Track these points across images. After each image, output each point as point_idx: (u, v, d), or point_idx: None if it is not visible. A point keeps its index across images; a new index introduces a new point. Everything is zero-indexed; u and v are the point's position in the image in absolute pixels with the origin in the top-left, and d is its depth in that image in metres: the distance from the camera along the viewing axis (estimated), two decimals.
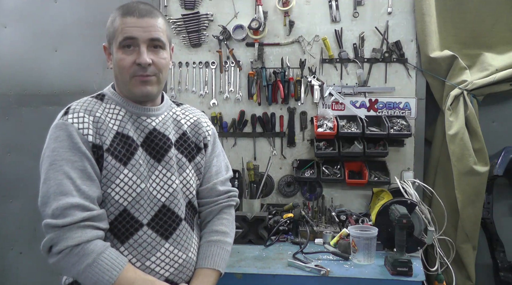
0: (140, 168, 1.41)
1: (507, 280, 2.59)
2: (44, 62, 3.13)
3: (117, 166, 1.37)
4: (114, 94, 1.50)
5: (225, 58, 2.84)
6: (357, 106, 2.76)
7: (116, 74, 1.46)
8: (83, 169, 1.31)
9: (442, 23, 2.68)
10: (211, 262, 1.56)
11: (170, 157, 1.49)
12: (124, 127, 1.42)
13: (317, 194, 2.79)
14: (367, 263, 2.17)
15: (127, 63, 1.41)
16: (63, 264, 1.30)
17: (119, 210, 1.38)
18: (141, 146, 1.43)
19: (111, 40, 1.46)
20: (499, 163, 2.55)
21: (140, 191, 1.40)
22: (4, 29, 3.15)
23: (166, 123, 1.53)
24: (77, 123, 1.37)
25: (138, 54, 1.40)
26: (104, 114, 1.42)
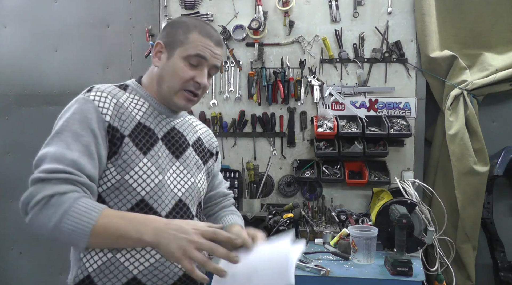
0: (159, 160, 1.41)
1: (507, 280, 2.58)
2: (44, 62, 3.13)
3: (137, 153, 1.36)
4: (139, 87, 1.51)
5: (225, 58, 2.84)
6: (357, 106, 2.76)
7: (164, 76, 1.45)
8: (86, 144, 1.28)
9: (442, 23, 2.68)
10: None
11: (187, 155, 1.51)
12: (147, 120, 1.44)
13: (317, 194, 2.79)
14: (367, 263, 2.17)
15: (186, 76, 1.42)
16: (40, 219, 1.18)
17: (136, 199, 1.35)
18: (161, 140, 1.45)
19: (175, 45, 1.44)
20: (499, 163, 2.55)
21: (158, 182, 1.38)
22: (4, 29, 3.15)
23: (184, 125, 1.57)
24: (98, 101, 1.38)
25: (200, 73, 1.43)
26: (128, 102, 1.44)
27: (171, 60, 1.43)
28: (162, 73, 1.45)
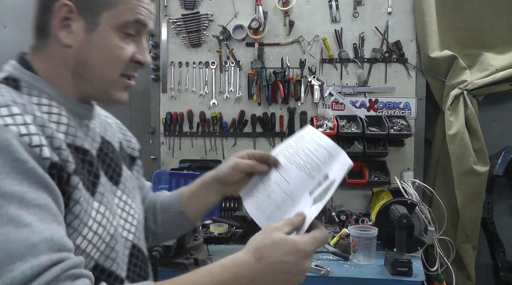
0: (105, 197, 0.95)
1: (507, 280, 2.58)
2: None
3: (87, 197, 0.88)
4: (39, 82, 0.94)
5: (225, 58, 2.84)
6: (357, 106, 2.76)
7: (90, 61, 0.94)
8: (42, 205, 0.75)
9: (442, 23, 2.68)
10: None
11: (124, 175, 1.06)
12: (76, 136, 0.92)
13: None
14: (367, 263, 2.17)
15: (126, 55, 0.95)
16: None
17: (89, 267, 0.88)
18: (100, 163, 0.98)
19: (97, 8, 0.92)
20: (499, 163, 2.55)
21: (114, 232, 0.94)
22: (4, 29, 3.15)
23: (106, 127, 1.11)
24: (16, 125, 0.79)
25: (140, 48, 0.98)
26: (40, 114, 0.87)
27: (96, 33, 0.93)
28: (83, 56, 0.94)
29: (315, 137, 1.12)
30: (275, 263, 0.83)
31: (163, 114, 2.89)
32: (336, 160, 1.06)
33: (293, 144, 1.14)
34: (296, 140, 1.15)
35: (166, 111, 2.88)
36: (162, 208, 1.22)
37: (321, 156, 1.07)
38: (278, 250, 0.84)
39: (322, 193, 1.00)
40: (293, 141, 1.15)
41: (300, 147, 1.12)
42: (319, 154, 1.08)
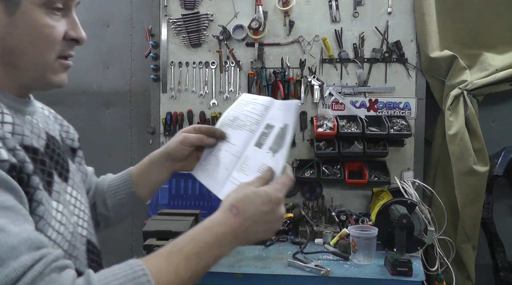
0: (63, 195, 0.92)
1: (507, 280, 2.58)
2: None
3: (47, 197, 0.84)
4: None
5: (225, 58, 2.84)
6: (357, 106, 2.76)
7: (19, 47, 0.85)
8: (11, 207, 0.73)
9: (442, 23, 2.68)
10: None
11: (72, 170, 1.01)
12: (24, 135, 0.85)
13: (317, 194, 2.79)
14: (367, 263, 2.17)
15: (59, 35, 0.87)
16: None
17: None
18: (49, 160, 0.92)
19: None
20: (499, 163, 2.55)
21: (73, 230, 0.92)
22: None
23: (47, 121, 1.02)
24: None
25: (73, 23, 0.91)
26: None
27: (19, 14, 0.83)
28: (9, 42, 0.84)
29: (250, 100, 1.20)
30: (253, 215, 0.87)
31: (163, 114, 2.89)
32: (272, 109, 1.12)
33: (232, 112, 1.20)
34: (235, 108, 1.21)
35: (166, 111, 2.88)
36: (112, 191, 1.21)
37: (258, 111, 1.14)
38: (252, 202, 0.88)
39: (277, 141, 1.05)
40: (232, 110, 1.21)
41: (240, 111, 1.19)
42: (256, 110, 1.15)
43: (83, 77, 3.10)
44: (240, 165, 1.09)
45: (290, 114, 1.06)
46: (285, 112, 1.08)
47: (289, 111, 1.07)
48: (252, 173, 1.04)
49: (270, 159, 1.03)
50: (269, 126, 1.10)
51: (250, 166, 1.07)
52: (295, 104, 1.07)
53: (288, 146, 1.02)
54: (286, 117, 1.07)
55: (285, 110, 1.08)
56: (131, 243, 3.12)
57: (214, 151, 1.17)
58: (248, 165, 1.08)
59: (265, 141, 1.08)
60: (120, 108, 3.16)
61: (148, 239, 2.18)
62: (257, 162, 1.05)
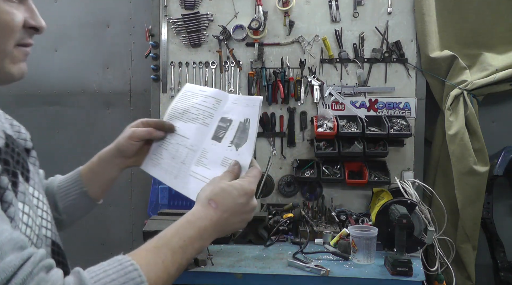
0: (28, 196, 0.87)
1: (507, 280, 2.59)
2: (44, 62, 3.13)
3: (14, 199, 0.81)
4: None
5: (225, 58, 2.84)
6: (357, 106, 2.76)
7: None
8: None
9: (442, 23, 2.68)
10: None
11: (31, 170, 0.96)
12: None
13: (317, 194, 2.79)
14: (367, 263, 2.17)
15: (18, 22, 0.84)
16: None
17: None
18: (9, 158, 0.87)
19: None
20: (499, 163, 2.55)
21: (38, 231, 0.87)
22: None
23: (1, 119, 0.97)
24: None
25: (30, 10, 0.88)
26: None
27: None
28: None
29: (198, 91, 1.19)
30: (231, 207, 0.92)
31: (163, 114, 2.88)
32: (225, 102, 1.13)
33: (180, 105, 1.19)
34: (181, 100, 1.20)
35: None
36: (62, 193, 1.18)
37: (210, 104, 1.14)
38: (229, 195, 0.93)
39: (239, 135, 1.06)
40: (179, 102, 1.20)
41: (188, 104, 1.18)
42: (207, 103, 1.15)
43: (83, 77, 3.10)
44: (198, 158, 1.10)
45: (252, 110, 1.07)
46: (246, 108, 1.08)
47: (252, 107, 1.07)
48: (214, 167, 1.06)
49: (233, 153, 1.05)
50: (225, 120, 1.10)
51: (210, 159, 1.08)
52: (259, 100, 1.07)
53: (253, 140, 1.04)
54: (247, 112, 1.08)
55: (246, 106, 1.09)
56: (131, 243, 3.12)
57: (164, 144, 1.16)
58: (208, 159, 1.08)
59: (224, 135, 1.09)
60: (120, 108, 3.16)
61: (148, 239, 2.18)
62: (218, 156, 1.07)
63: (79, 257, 3.15)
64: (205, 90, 1.18)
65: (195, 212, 0.92)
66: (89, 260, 0.85)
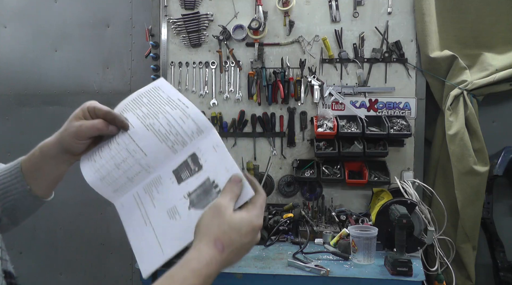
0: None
1: (507, 280, 2.58)
2: (44, 62, 3.13)
3: None
4: None
5: (225, 58, 2.84)
6: (357, 106, 2.76)
7: None
8: None
9: (442, 23, 2.68)
10: None
11: None
12: None
13: (317, 194, 2.79)
14: (367, 263, 2.17)
15: None
16: None
17: None
18: None
19: None
20: (499, 163, 2.55)
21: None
22: (4, 29, 3.15)
23: None
24: None
25: None
26: None
27: None
28: None
29: (175, 100, 0.93)
30: (237, 247, 0.83)
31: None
32: (205, 137, 0.91)
33: (146, 101, 0.95)
34: (150, 96, 0.96)
35: None
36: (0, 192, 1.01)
37: (188, 129, 0.90)
38: (237, 234, 0.82)
39: (200, 193, 0.88)
40: (146, 97, 0.96)
41: (158, 108, 0.93)
42: (186, 126, 0.90)
43: (83, 77, 3.10)
44: (149, 185, 0.91)
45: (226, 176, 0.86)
46: (220, 166, 0.88)
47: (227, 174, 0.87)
48: (159, 208, 0.89)
49: (184, 208, 0.87)
50: (195, 161, 0.90)
51: (160, 197, 0.90)
52: (238, 175, 0.87)
53: (207, 206, 0.85)
54: (220, 173, 0.87)
55: (221, 163, 0.88)
56: None
57: (112, 143, 0.93)
58: (159, 193, 0.90)
59: (187, 179, 0.89)
60: None
61: None
62: (170, 199, 0.89)
63: (79, 257, 3.16)
64: (187, 104, 0.92)
65: (200, 257, 0.80)
66: (89, 260, 0.85)
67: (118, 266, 3.15)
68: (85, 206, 3.10)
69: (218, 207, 0.84)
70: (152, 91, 0.96)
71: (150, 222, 0.89)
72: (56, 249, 3.17)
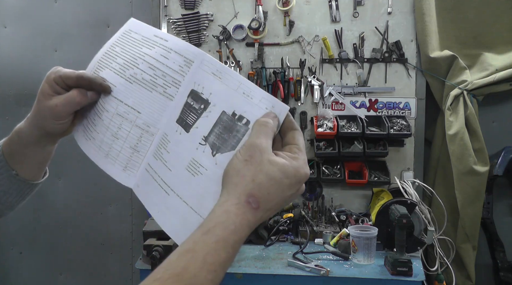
0: None
1: (507, 280, 2.59)
2: (44, 62, 3.13)
3: None
4: None
5: (225, 58, 2.84)
6: (357, 106, 2.76)
7: None
8: None
9: (442, 23, 2.68)
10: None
11: None
12: None
13: (317, 194, 2.79)
14: (367, 263, 2.17)
15: None
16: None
17: None
18: None
19: None
20: (499, 163, 2.55)
21: None
22: (4, 29, 3.15)
23: None
24: None
25: None
26: None
27: None
28: None
29: (151, 38, 0.79)
30: (277, 203, 0.65)
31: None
32: (198, 65, 0.75)
33: (119, 50, 0.81)
34: (123, 43, 0.82)
35: None
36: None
37: (174, 64, 0.76)
38: (277, 186, 0.64)
39: (220, 132, 0.70)
40: (118, 46, 0.82)
41: (135, 53, 0.79)
42: (170, 61, 0.76)
43: None
44: (157, 149, 0.75)
45: (245, 101, 0.70)
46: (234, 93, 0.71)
47: (247, 96, 0.70)
48: (176, 169, 0.72)
49: (206, 158, 0.70)
50: (197, 97, 0.73)
51: (172, 155, 0.73)
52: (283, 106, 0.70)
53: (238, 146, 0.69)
54: (236, 100, 0.70)
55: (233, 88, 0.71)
56: (131, 243, 3.12)
57: (100, 110, 0.79)
58: (169, 153, 0.74)
59: (195, 122, 0.72)
60: None
61: (148, 239, 2.18)
62: (183, 154, 0.72)
63: (80, 257, 3.17)
64: (165, 37, 0.78)
65: (227, 221, 0.61)
66: (90, 260, 0.84)
67: (118, 266, 3.15)
68: (85, 206, 3.10)
69: (252, 149, 0.65)
70: (124, 37, 0.82)
71: (172, 189, 0.73)
72: (56, 249, 3.17)
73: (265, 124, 0.66)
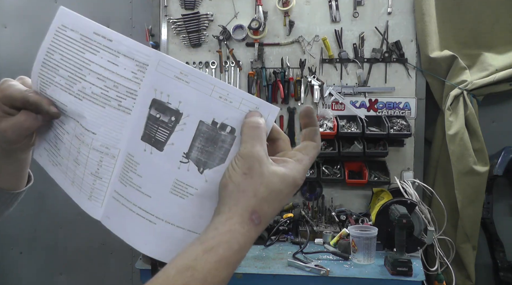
0: None
1: (507, 280, 2.59)
2: None
3: None
4: None
5: (225, 58, 2.84)
6: (357, 106, 2.76)
7: None
8: None
9: (442, 23, 2.68)
10: None
11: None
12: None
13: (317, 194, 2.79)
14: (367, 263, 2.17)
15: None
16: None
17: None
18: None
19: None
20: (499, 163, 2.55)
21: None
22: (4, 29, 3.15)
23: None
24: None
25: None
26: None
27: None
28: None
29: (91, 38, 0.65)
30: (274, 214, 0.62)
31: None
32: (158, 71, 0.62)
33: (58, 58, 0.68)
34: (61, 47, 0.67)
35: None
36: None
37: (124, 70, 0.64)
38: (277, 198, 0.60)
39: (203, 147, 0.61)
40: (56, 52, 0.68)
41: (78, 62, 0.66)
42: (120, 67, 0.64)
43: None
44: (122, 173, 0.65)
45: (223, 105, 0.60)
46: (207, 98, 0.60)
47: (225, 100, 0.61)
48: (158, 195, 0.63)
49: (193, 176, 0.62)
50: (160, 107, 0.62)
51: (147, 179, 0.63)
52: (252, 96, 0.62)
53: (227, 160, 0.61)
54: (214, 105, 0.60)
55: (206, 92, 0.60)
56: None
57: (64, 135, 0.69)
58: (142, 177, 0.63)
59: (168, 138, 0.62)
60: None
61: None
62: (162, 176, 0.63)
63: (80, 257, 3.17)
64: (107, 35, 0.64)
65: (231, 240, 0.58)
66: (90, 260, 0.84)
67: (118, 266, 3.15)
68: None
69: (251, 161, 0.60)
70: (59, 37, 0.68)
71: (158, 217, 0.64)
72: (56, 249, 3.17)
73: (256, 126, 0.60)
